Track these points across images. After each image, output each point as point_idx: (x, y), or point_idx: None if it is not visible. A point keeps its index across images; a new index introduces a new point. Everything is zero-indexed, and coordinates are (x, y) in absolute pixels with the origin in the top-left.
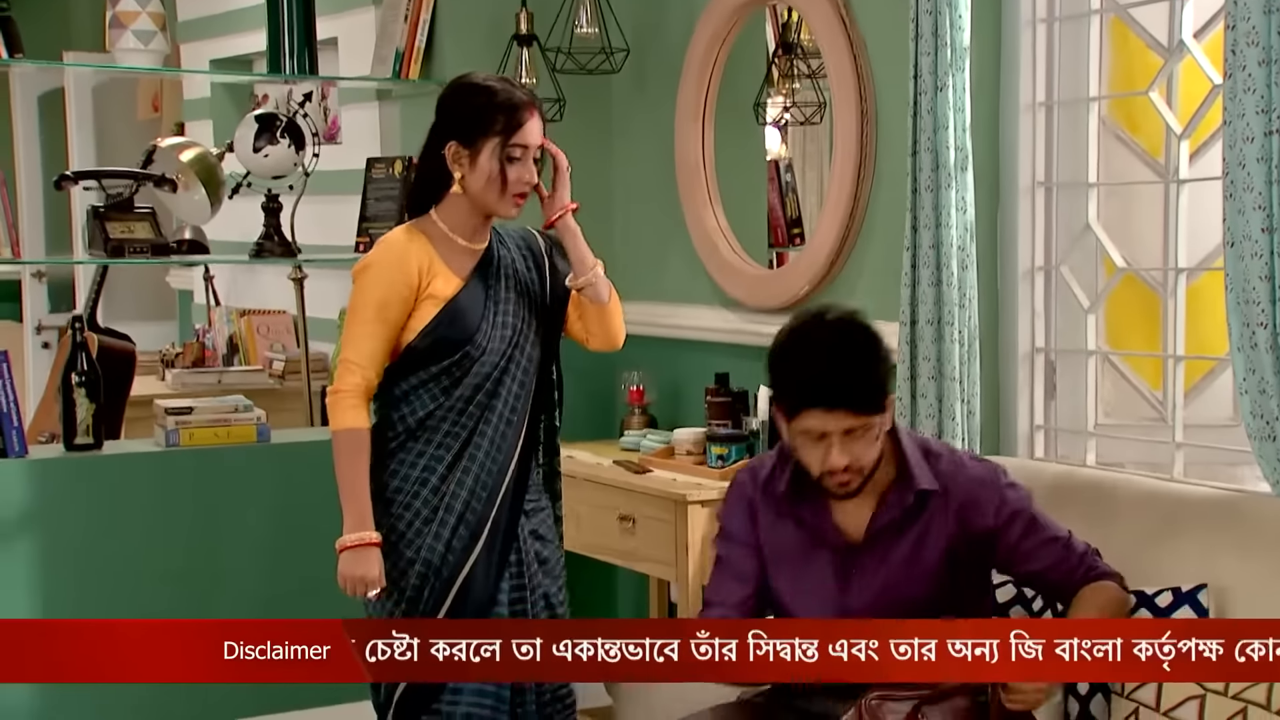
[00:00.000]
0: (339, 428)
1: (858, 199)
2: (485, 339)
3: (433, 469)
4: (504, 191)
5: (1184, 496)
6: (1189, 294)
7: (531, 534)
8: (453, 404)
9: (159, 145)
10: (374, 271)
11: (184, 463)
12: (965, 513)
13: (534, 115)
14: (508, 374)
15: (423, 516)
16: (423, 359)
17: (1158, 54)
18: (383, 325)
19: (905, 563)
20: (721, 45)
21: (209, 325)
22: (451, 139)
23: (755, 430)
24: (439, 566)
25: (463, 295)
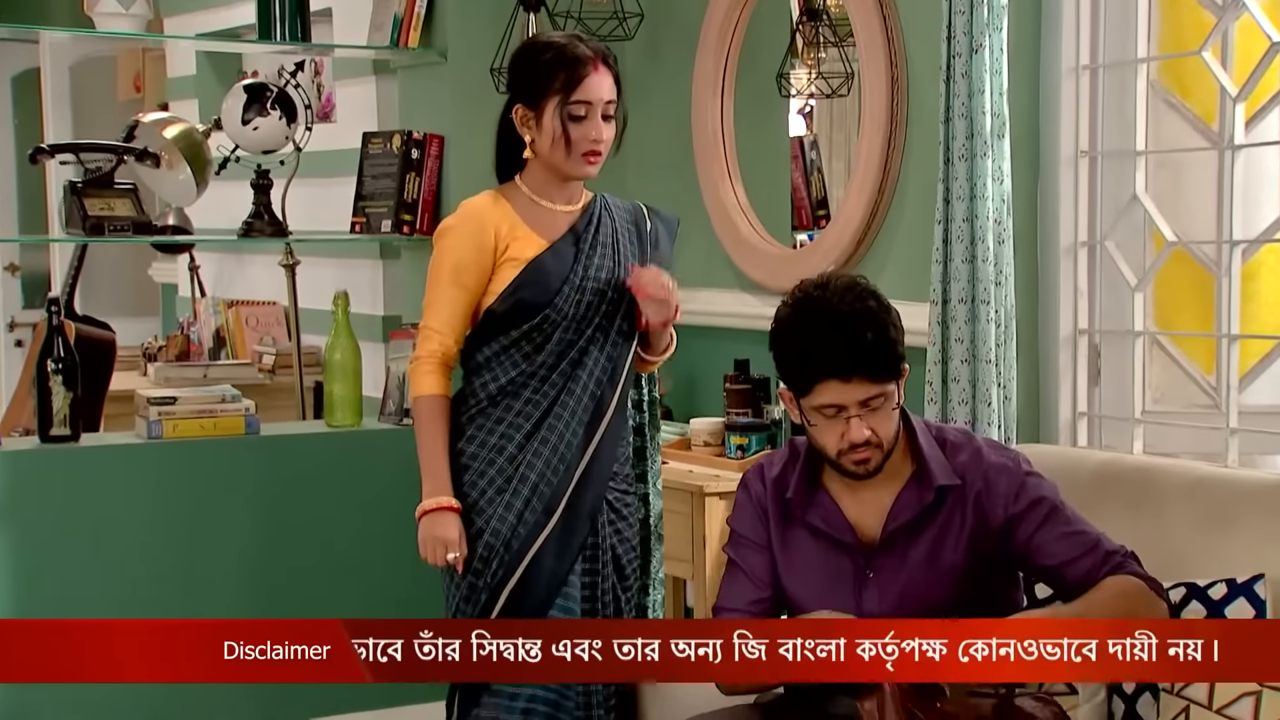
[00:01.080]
0: (417, 394)
1: (887, 171)
2: (567, 304)
3: (510, 437)
4: (569, 151)
5: (1238, 483)
6: (1244, 271)
7: (611, 520)
8: (534, 370)
9: (141, 120)
10: (450, 235)
11: (168, 456)
12: (982, 502)
13: (598, 69)
14: (594, 343)
15: (496, 485)
16: (502, 323)
17: (1211, 12)
18: (459, 290)
19: (925, 563)
20: (742, 10)
21: (194, 318)
22: (518, 102)
23: (777, 419)
24: (509, 538)
25: (546, 257)
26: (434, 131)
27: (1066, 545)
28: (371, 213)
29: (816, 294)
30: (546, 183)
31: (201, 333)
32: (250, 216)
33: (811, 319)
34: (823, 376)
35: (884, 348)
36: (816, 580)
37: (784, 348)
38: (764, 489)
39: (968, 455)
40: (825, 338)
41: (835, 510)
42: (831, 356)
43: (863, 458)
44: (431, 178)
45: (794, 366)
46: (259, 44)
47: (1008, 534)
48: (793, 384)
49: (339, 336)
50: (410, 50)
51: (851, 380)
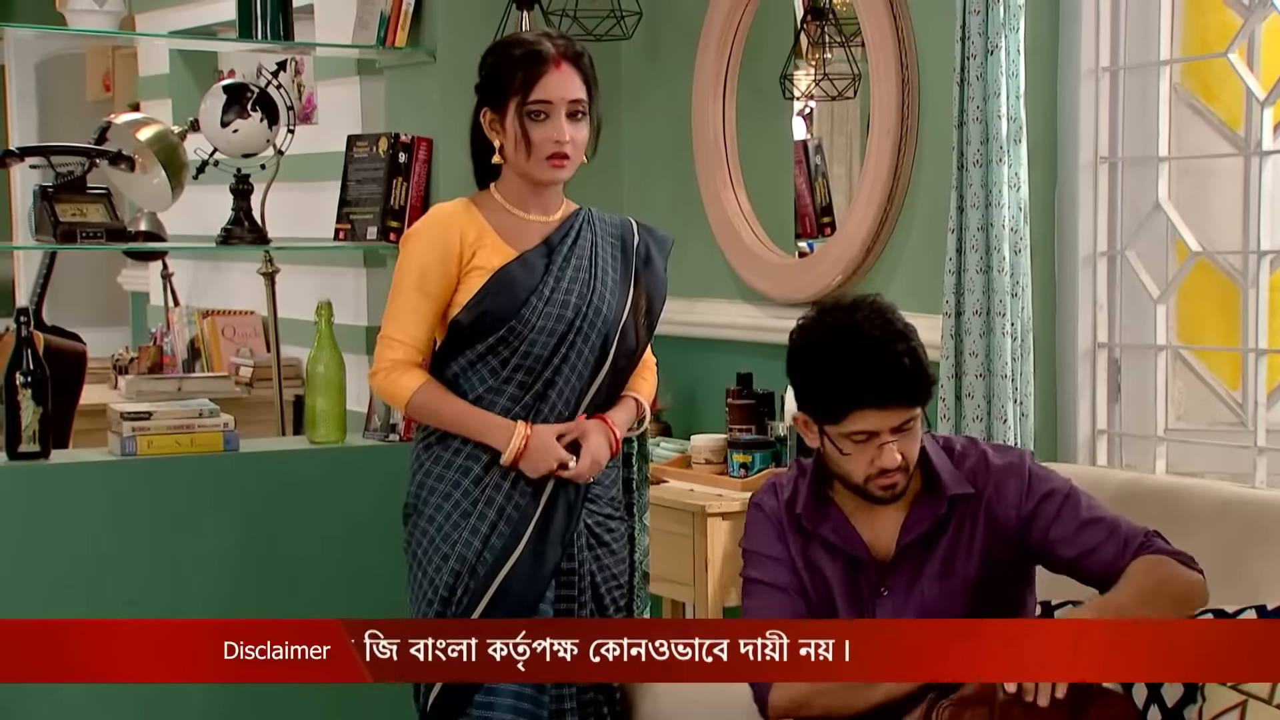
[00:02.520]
0: (404, 395)
1: (897, 177)
2: (535, 315)
3: (476, 458)
4: (530, 154)
5: (1267, 504)
6: (1272, 282)
7: (591, 545)
8: (501, 387)
9: (114, 122)
10: (414, 241)
11: (142, 473)
12: (994, 508)
13: (560, 67)
14: (566, 362)
15: (461, 509)
16: (468, 336)
17: (1236, 12)
18: (423, 297)
19: (939, 577)
20: (745, 9)
21: (167, 328)
22: (484, 106)
23: (782, 436)
24: (474, 564)
25: (514, 267)
26: (422, 134)
27: (1086, 534)
28: (356, 219)
29: (844, 318)
30: (520, 190)
31: (175, 344)
32: (229, 223)
33: (843, 345)
34: (859, 405)
35: (920, 372)
36: (830, 599)
37: (811, 375)
38: (779, 506)
39: (975, 461)
40: (861, 365)
41: (847, 526)
42: (869, 385)
43: (892, 482)
44: (419, 183)
45: (824, 394)
46: (240, 42)
47: (1024, 533)
48: (820, 412)
49: (322, 349)
50: (398, 50)
51: (888, 408)
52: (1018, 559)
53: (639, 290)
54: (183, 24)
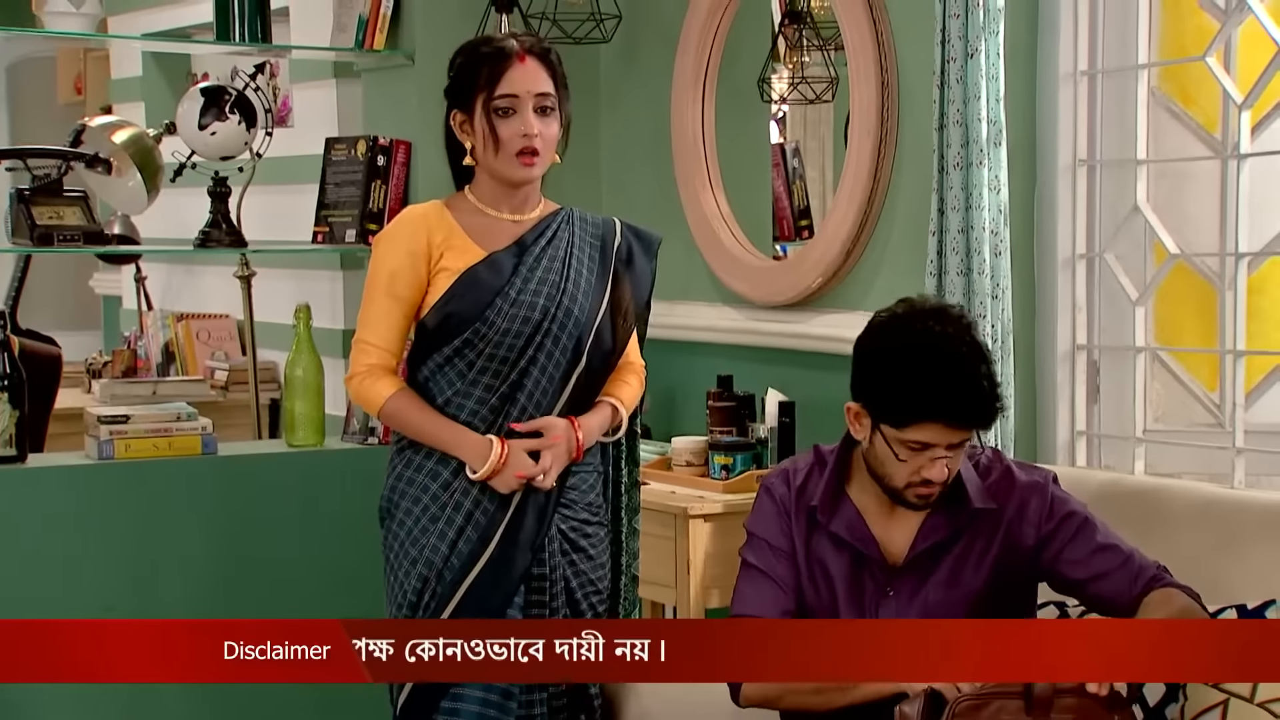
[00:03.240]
0: (376, 403)
1: (877, 179)
2: (501, 317)
3: (446, 462)
4: (499, 150)
5: (1247, 504)
6: (1249, 284)
7: (565, 551)
8: (469, 390)
9: (89, 125)
10: (384, 243)
11: (120, 477)
12: (1013, 528)
13: (525, 61)
14: (535, 364)
15: (430, 513)
16: (435, 338)
17: (1214, 17)
18: (394, 301)
19: (944, 585)
20: (724, 12)
21: (140, 331)
22: (453, 107)
23: (763, 438)
24: (441, 569)
25: (480, 267)
26: (400, 137)
27: (1100, 560)
28: (335, 222)
29: (935, 327)
30: (493, 191)
31: (149, 347)
32: (207, 226)
33: (930, 355)
34: (930, 418)
35: (996, 397)
36: (832, 596)
37: (889, 375)
38: (789, 493)
39: (999, 476)
40: (945, 381)
41: (860, 523)
42: (948, 402)
43: (930, 493)
44: (398, 185)
45: (897, 398)
46: (217, 45)
47: (1038, 552)
48: (885, 412)
49: (300, 352)
50: (376, 53)
51: (957, 427)
52: (1026, 576)
53: (618, 291)
54: (156, 26)
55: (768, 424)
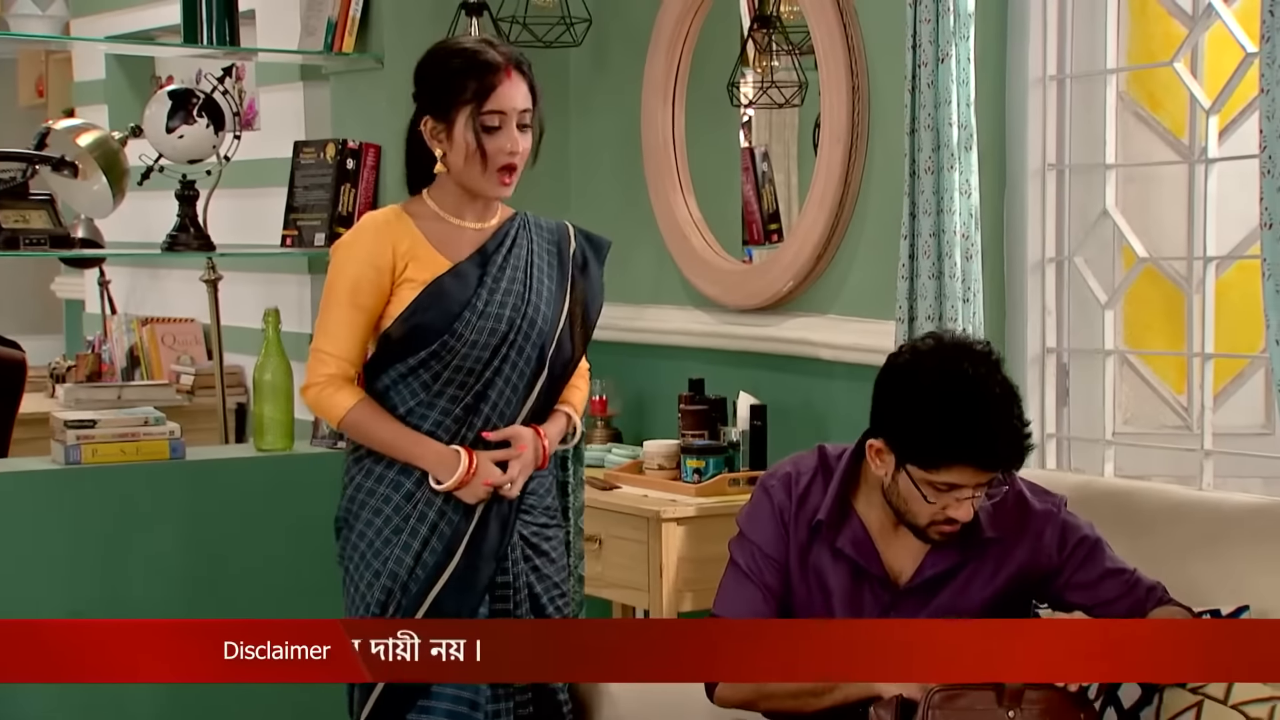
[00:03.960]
0: (337, 414)
1: (848, 184)
2: (469, 329)
3: (408, 472)
4: (485, 166)
5: (1220, 507)
6: (1217, 287)
7: (528, 556)
8: (433, 401)
9: (54, 128)
10: (345, 251)
11: (86, 482)
12: (1027, 558)
13: (511, 76)
14: (500, 375)
15: (393, 525)
16: (400, 349)
17: (1181, 23)
18: (356, 310)
19: (947, 608)
20: (694, 16)
21: (105, 336)
22: (426, 113)
23: (735, 441)
24: (406, 581)
25: (446, 279)
26: (370, 140)
27: (1106, 585)
28: (304, 225)
29: (968, 368)
30: (458, 199)
31: (114, 352)
32: (175, 229)
33: (964, 399)
34: (963, 461)
35: (1028, 442)
36: (832, 605)
37: (921, 419)
38: (789, 502)
39: (1013, 503)
40: (982, 427)
41: (867, 540)
42: (983, 446)
43: (953, 530)
44: (368, 189)
45: (929, 441)
46: (185, 47)
47: (1049, 579)
48: (914, 453)
49: (269, 356)
50: (345, 56)
51: (990, 470)
52: (1028, 598)
53: (575, 299)
54: (120, 29)
55: (739, 427)
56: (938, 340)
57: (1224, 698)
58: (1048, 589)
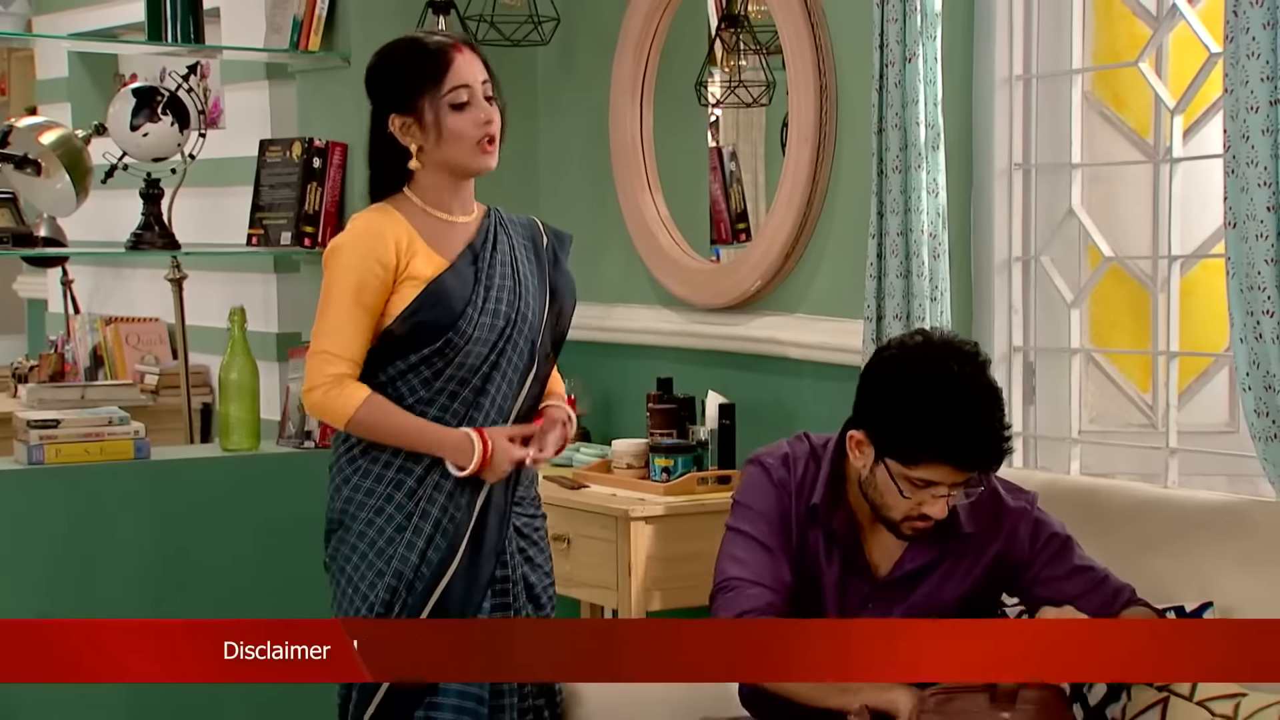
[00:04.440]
0: (347, 411)
1: (816, 183)
2: (472, 326)
3: (409, 470)
4: (453, 143)
5: (1183, 504)
6: (1182, 286)
7: (522, 548)
8: (433, 398)
9: (16, 125)
10: (346, 252)
11: (50, 482)
12: (1000, 553)
13: (462, 52)
14: (498, 369)
15: (395, 523)
16: (402, 346)
17: (1146, 23)
18: (361, 311)
19: (924, 602)
20: (662, 15)
21: (68, 335)
22: (390, 112)
23: (703, 440)
24: (411, 580)
25: (447, 276)
26: (336, 139)
27: (1075, 581)
28: (270, 224)
29: (954, 367)
30: (440, 190)
31: (77, 351)
32: (139, 228)
33: (948, 397)
34: (942, 459)
35: (1007, 443)
36: (823, 589)
37: (902, 412)
38: (789, 478)
39: (987, 498)
40: (963, 426)
41: (854, 530)
42: (963, 446)
43: (926, 526)
44: (334, 188)
45: (908, 436)
46: (149, 45)
47: (1020, 573)
48: (893, 448)
49: (235, 355)
50: (311, 54)
51: (967, 469)
52: (1000, 591)
53: (552, 292)
54: (83, 27)
55: (708, 426)
56: (926, 337)
57: (1189, 694)
58: (1017, 583)
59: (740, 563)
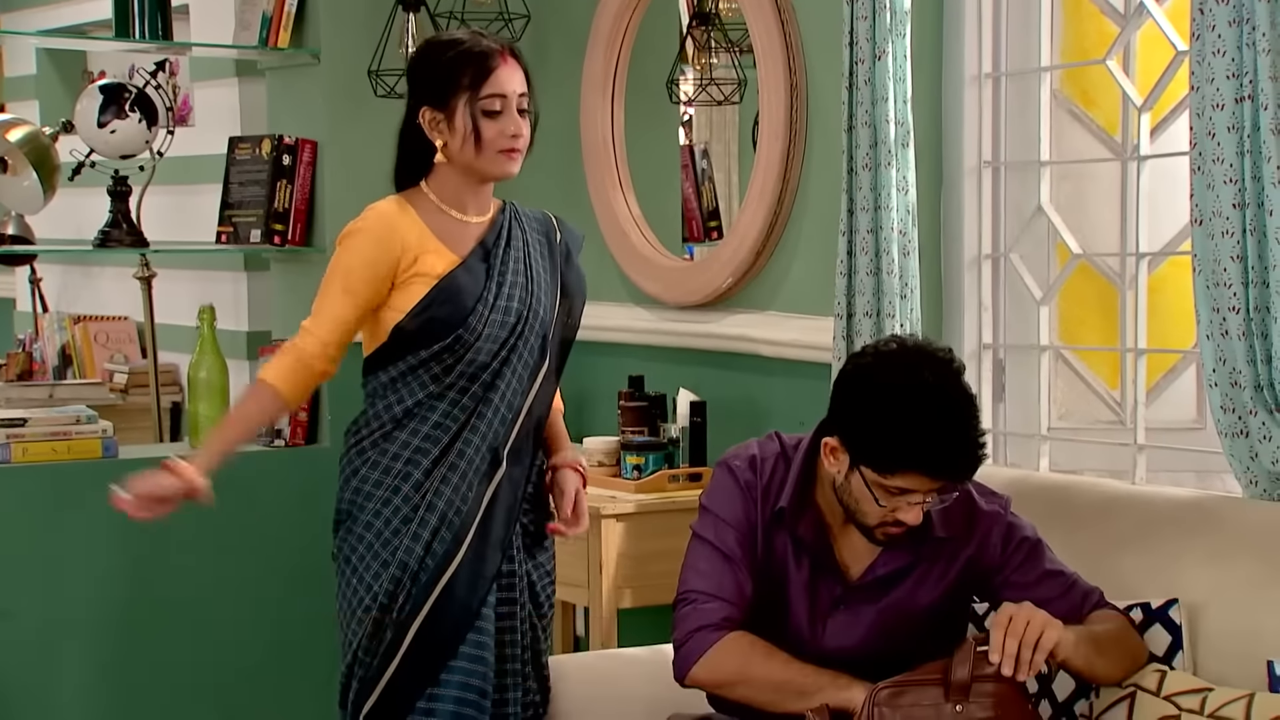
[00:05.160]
0: (261, 374)
1: (787, 181)
2: (481, 323)
3: (416, 463)
4: (480, 150)
5: (1150, 501)
6: (1150, 283)
7: (527, 546)
8: (443, 393)
9: None
10: (356, 240)
11: (17, 481)
12: (974, 557)
13: (507, 62)
14: (508, 365)
15: (402, 515)
16: (412, 342)
17: (1113, 21)
18: (349, 296)
19: (898, 606)
20: (633, 12)
21: (36, 334)
22: (424, 104)
23: (674, 438)
24: (416, 571)
25: (459, 273)
26: (306, 136)
27: (1045, 586)
28: (239, 222)
29: (929, 376)
30: (459, 190)
31: (45, 350)
32: (107, 225)
33: (924, 407)
34: (917, 469)
35: (983, 452)
36: (789, 593)
37: (879, 424)
38: (755, 481)
39: (961, 502)
40: (938, 434)
41: (824, 533)
42: (936, 455)
43: (899, 533)
44: (304, 185)
45: (884, 445)
46: (117, 41)
47: (990, 576)
48: (868, 456)
49: (204, 354)
50: (280, 51)
51: (942, 479)
52: (972, 595)
53: (563, 288)
54: (51, 24)
55: (679, 424)
56: (900, 344)
57: (1156, 689)
58: (987, 585)
59: (701, 574)
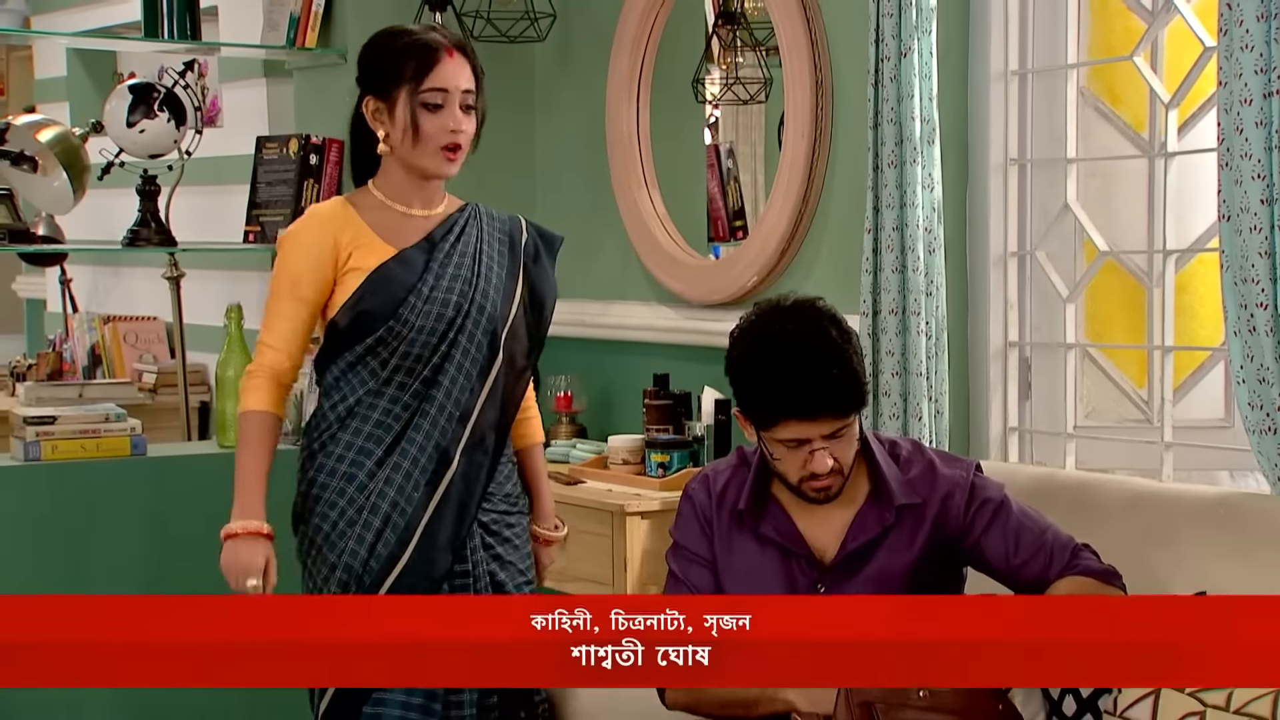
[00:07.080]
0: (241, 410)
1: (812, 179)
2: (414, 315)
3: (360, 464)
4: (421, 144)
5: (1177, 498)
6: (1177, 282)
7: (487, 544)
8: (380, 389)
9: (13, 123)
10: (290, 243)
11: (47, 479)
12: (938, 520)
13: (453, 57)
14: (449, 360)
15: (347, 517)
16: (346, 338)
17: (1141, 17)
18: (297, 303)
19: (875, 579)
20: (659, 11)
21: (66, 334)
22: (368, 93)
23: (699, 435)
24: (360, 574)
25: (391, 264)
26: (333, 136)
27: (1015, 544)
28: (267, 221)
29: (777, 327)
30: (403, 184)
31: (75, 350)
32: (136, 225)
33: (773, 355)
34: (787, 416)
35: (850, 383)
36: (761, 587)
37: (743, 382)
38: (709, 500)
39: (921, 469)
40: (789, 377)
41: (788, 522)
42: (797, 397)
43: (824, 485)
44: (331, 184)
45: (755, 402)
46: (147, 42)
47: (961, 539)
48: (753, 416)
49: (232, 352)
50: (308, 51)
51: (817, 419)
52: (953, 563)
53: (527, 287)
54: (81, 25)
55: (704, 422)
56: (768, 304)
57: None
58: (960, 550)
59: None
